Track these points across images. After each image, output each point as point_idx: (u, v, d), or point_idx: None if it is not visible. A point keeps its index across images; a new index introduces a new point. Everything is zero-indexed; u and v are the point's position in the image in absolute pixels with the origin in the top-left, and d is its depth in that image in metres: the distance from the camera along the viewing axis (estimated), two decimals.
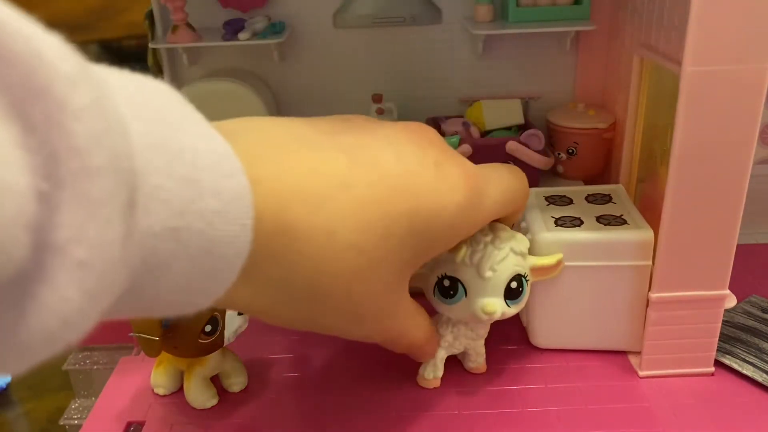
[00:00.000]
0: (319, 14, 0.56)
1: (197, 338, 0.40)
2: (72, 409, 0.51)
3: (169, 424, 0.43)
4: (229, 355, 0.45)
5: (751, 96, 0.38)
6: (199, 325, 0.39)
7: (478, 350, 0.45)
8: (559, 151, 0.57)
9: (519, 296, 0.41)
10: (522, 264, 0.41)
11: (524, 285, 0.41)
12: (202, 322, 0.39)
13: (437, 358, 0.44)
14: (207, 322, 0.40)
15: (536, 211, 0.47)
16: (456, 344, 0.44)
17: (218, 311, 0.40)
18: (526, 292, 0.42)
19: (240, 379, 0.45)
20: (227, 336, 0.41)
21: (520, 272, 0.41)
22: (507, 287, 0.41)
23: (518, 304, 0.42)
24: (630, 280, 0.44)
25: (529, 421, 0.41)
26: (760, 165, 0.58)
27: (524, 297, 0.42)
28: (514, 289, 0.41)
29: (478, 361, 0.46)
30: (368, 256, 0.29)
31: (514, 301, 0.41)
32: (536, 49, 0.57)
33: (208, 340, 0.40)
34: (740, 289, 0.46)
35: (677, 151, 0.39)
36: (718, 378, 0.45)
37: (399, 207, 0.30)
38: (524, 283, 0.41)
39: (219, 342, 0.41)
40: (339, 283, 0.29)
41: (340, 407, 0.43)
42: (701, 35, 0.37)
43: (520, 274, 0.41)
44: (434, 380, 0.45)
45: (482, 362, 0.46)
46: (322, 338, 0.51)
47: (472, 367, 0.46)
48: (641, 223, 0.44)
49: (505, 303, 0.41)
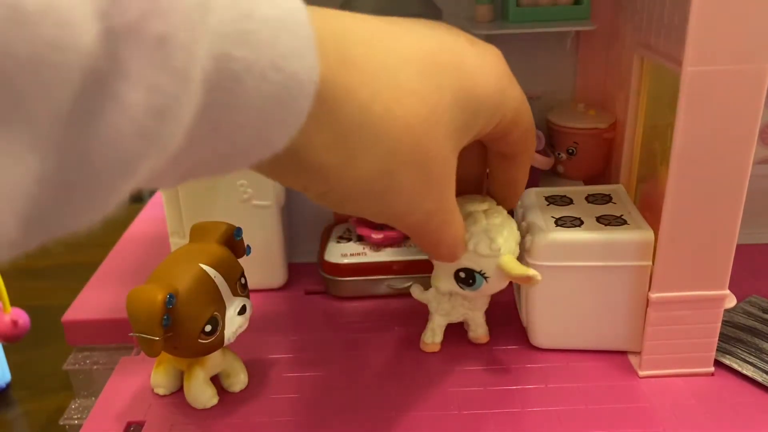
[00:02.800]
0: None
1: (197, 338, 0.39)
2: (72, 409, 0.51)
3: (169, 424, 0.43)
4: (229, 354, 0.45)
5: (751, 96, 0.38)
6: (199, 324, 0.39)
7: (478, 321, 0.48)
8: (559, 151, 0.57)
9: (471, 285, 0.43)
10: (479, 263, 0.42)
11: (477, 278, 0.43)
12: (202, 322, 0.39)
13: (435, 324, 0.47)
14: (207, 322, 0.40)
15: (536, 211, 0.47)
16: (453, 313, 0.47)
17: (218, 311, 0.40)
18: (482, 284, 0.43)
19: (240, 379, 0.45)
20: (227, 336, 0.41)
21: (472, 268, 0.42)
22: (456, 274, 0.43)
23: (474, 290, 0.44)
24: (630, 280, 0.44)
25: (529, 421, 0.42)
26: (760, 165, 0.58)
27: (480, 287, 0.43)
28: (463, 279, 0.43)
29: (478, 331, 0.48)
30: (429, 105, 0.30)
31: (467, 287, 0.43)
32: (536, 49, 0.57)
33: (208, 340, 0.40)
34: (740, 289, 0.46)
35: (677, 151, 0.39)
36: (718, 378, 0.45)
37: (448, 73, 0.32)
38: (477, 276, 0.43)
39: (219, 342, 0.41)
40: (407, 126, 0.30)
41: (339, 407, 0.43)
42: (701, 35, 0.37)
43: (472, 269, 0.42)
44: (433, 345, 0.48)
45: (482, 333, 0.48)
46: (322, 339, 0.51)
47: (473, 336, 0.48)
48: (642, 224, 0.44)
49: (458, 285, 0.44)
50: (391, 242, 0.56)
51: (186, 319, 0.39)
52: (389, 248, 0.56)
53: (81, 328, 0.52)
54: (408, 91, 0.29)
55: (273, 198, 0.54)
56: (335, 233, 0.59)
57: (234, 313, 0.41)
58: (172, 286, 0.38)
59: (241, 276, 0.42)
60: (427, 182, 0.32)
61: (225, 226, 0.43)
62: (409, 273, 0.55)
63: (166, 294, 0.37)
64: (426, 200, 0.33)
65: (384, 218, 0.34)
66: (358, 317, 0.54)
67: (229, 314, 0.41)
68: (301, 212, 0.62)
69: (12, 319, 0.54)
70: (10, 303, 0.54)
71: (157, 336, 0.38)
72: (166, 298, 0.37)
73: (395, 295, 0.55)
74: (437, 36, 0.33)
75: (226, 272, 0.41)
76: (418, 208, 0.33)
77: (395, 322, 0.52)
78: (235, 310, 0.41)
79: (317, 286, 0.58)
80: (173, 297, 0.38)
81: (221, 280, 0.40)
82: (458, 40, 0.34)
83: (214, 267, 0.40)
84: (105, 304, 0.54)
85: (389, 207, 0.32)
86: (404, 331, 0.51)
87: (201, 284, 0.39)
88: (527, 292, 0.46)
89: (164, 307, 0.37)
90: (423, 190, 0.32)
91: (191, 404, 0.43)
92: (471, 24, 0.54)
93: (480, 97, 0.33)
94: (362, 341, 0.50)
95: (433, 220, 0.35)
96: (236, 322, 0.41)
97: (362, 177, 0.30)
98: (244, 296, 0.42)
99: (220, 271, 0.40)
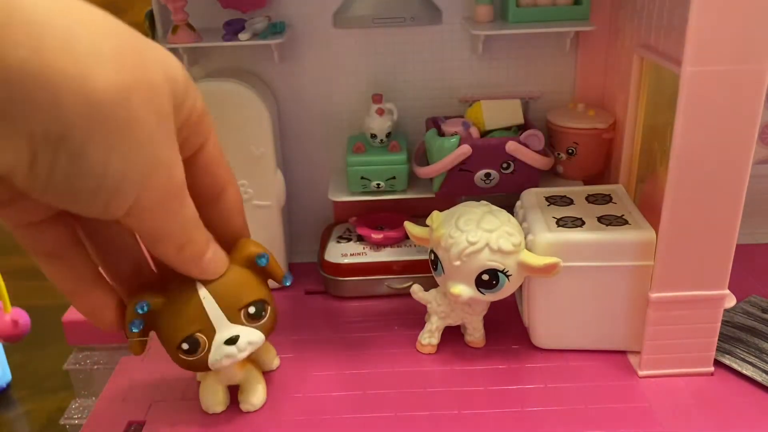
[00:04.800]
0: (319, 14, 0.56)
1: (177, 352, 0.39)
2: (72, 409, 0.51)
3: (169, 424, 0.43)
4: (251, 372, 0.44)
5: (751, 96, 0.38)
6: (175, 339, 0.38)
7: (475, 325, 0.48)
8: (559, 151, 0.57)
9: (494, 288, 0.43)
10: (500, 260, 0.42)
11: (500, 278, 0.43)
12: (178, 338, 0.38)
13: (433, 326, 0.47)
14: (184, 340, 0.38)
15: (537, 211, 0.47)
16: (453, 315, 0.47)
17: (202, 333, 0.38)
18: (504, 284, 0.43)
19: (252, 401, 0.43)
20: (210, 361, 0.39)
21: (496, 267, 0.42)
22: (478, 278, 0.43)
23: (495, 293, 0.44)
24: (631, 280, 0.44)
25: (529, 421, 0.42)
26: (760, 165, 0.58)
27: (502, 288, 0.43)
28: (486, 281, 0.43)
29: (475, 335, 0.48)
30: (129, 75, 0.28)
31: (488, 290, 0.43)
32: (536, 49, 0.57)
33: (188, 357, 0.39)
34: (740, 289, 0.46)
35: (677, 151, 0.39)
36: (718, 378, 0.45)
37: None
38: (501, 276, 0.43)
39: (201, 364, 0.39)
40: (114, 91, 0.28)
41: (340, 407, 0.43)
42: (701, 35, 0.37)
43: (496, 269, 0.42)
44: (429, 346, 0.48)
45: (479, 337, 0.48)
46: (322, 339, 0.51)
47: (470, 340, 0.49)
48: (643, 224, 0.44)
49: (478, 291, 0.43)
50: (391, 242, 0.56)
51: (166, 330, 0.39)
52: (389, 248, 0.56)
53: (81, 328, 0.52)
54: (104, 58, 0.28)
55: (273, 198, 0.54)
56: (335, 233, 0.59)
57: (220, 341, 0.39)
58: (162, 295, 0.38)
59: (252, 304, 0.39)
60: (139, 150, 0.30)
61: (252, 249, 0.40)
62: (409, 273, 0.55)
63: (140, 300, 0.38)
64: (132, 165, 0.30)
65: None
66: (358, 317, 0.54)
67: (216, 341, 0.39)
68: (301, 212, 0.62)
69: (12, 319, 0.54)
70: (10, 303, 0.54)
71: (130, 337, 0.38)
72: (137, 303, 0.38)
73: (395, 295, 0.55)
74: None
75: (227, 297, 0.39)
76: (121, 177, 0.30)
77: (395, 322, 0.52)
78: (223, 338, 0.39)
79: (317, 286, 0.58)
80: (146, 305, 0.38)
81: (211, 303, 0.38)
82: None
83: (211, 289, 0.38)
84: None
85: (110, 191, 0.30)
86: (404, 331, 0.51)
87: (186, 302, 0.38)
88: (528, 292, 0.46)
89: (133, 311, 0.38)
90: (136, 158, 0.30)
91: (201, 404, 0.43)
92: (471, 24, 0.54)
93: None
94: (362, 341, 0.50)
95: (150, 198, 0.32)
96: (222, 350, 0.39)
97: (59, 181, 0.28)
98: (253, 326, 0.40)
99: (218, 295, 0.38)
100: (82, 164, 0.28)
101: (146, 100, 0.30)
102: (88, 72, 0.27)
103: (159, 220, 0.33)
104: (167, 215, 0.34)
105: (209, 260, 0.38)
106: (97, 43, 0.28)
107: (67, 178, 0.28)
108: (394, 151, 0.55)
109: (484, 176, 0.54)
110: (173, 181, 0.33)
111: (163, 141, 0.32)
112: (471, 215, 0.44)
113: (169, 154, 0.32)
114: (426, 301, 0.48)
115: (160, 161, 0.31)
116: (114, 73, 0.28)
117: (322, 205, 0.62)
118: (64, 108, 0.27)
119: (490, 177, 0.54)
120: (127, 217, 0.32)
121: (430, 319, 0.48)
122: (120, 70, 0.28)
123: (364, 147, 0.56)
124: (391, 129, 0.56)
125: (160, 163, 0.31)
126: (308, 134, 0.60)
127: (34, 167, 0.27)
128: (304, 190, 0.61)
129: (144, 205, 0.32)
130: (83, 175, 0.28)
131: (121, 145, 0.29)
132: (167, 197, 0.33)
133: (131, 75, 0.29)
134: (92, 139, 0.28)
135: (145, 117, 0.30)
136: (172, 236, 0.35)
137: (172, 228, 0.34)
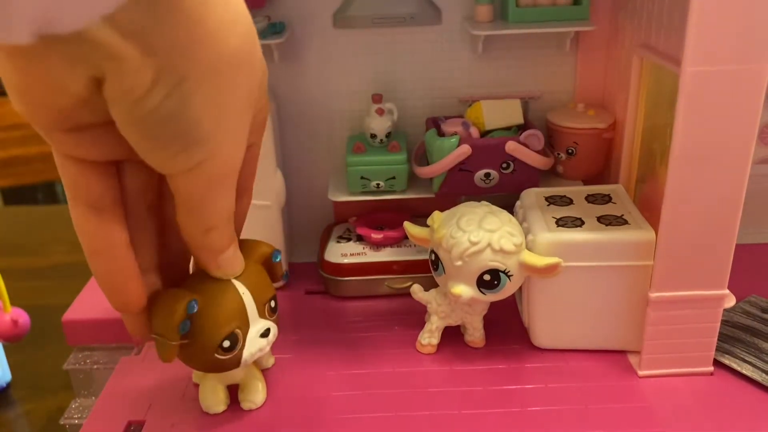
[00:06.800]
0: (319, 14, 0.56)
1: (214, 352, 0.38)
2: (72, 409, 0.51)
3: (169, 424, 0.43)
4: (251, 370, 0.44)
5: (751, 96, 0.38)
6: (217, 338, 0.38)
7: (475, 325, 0.48)
8: (559, 151, 0.57)
9: (495, 288, 0.43)
10: (501, 260, 0.42)
11: (502, 278, 0.43)
12: (222, 336, 0.38)
13: (433, 326, 0.48)
14: (226, 337, 0.38)
15: (537, 211, 0.47)
16: (453, 315, 0.47)
17: (240, 329, 0.39)
18: (506, 284, 0.43)
19: (253, 399, 0.43)
20: (245, 356, 0.39)
21: (498, 267, 0.43)
22: (480, 278, 0.43)
23: (496, 293, 0.44)
24: (631, 280, 0.44)
25: (529, 421, 0.42)
26: (760, 165, 0.58)
27: (504, 288, 0.44)
28: (487, 281, 0.43)
29: (475, 335, 0.48)
30: (248, 48, 0.31)
31: (489, 290, 0.44)
32: (536, 49, 0.57)
33: (224, 356, 0.39)
34: (740, 289, 0.46)
35: (677, 151, 0.39)
36: (718, 377, 0.45)
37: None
38: (502, 276, 0.43)
39: (235, 361, 0.39)
40: (239, 55, 0.30)
41: (340, 407, 0.43)
42: (701, 35, 0.37)
43: (497, 269, 0.43)
44: (429, 346, 0.48)
45: (479, 337, 0.48)
46: (322, 339, 0.51)
47: (469, 340, 0.49)
48: (643, 224, 0.44)
49: (479, 291, 0.43)
50: (391, 242, 0.56)
51: (206, 329, 0.38)
52: (389, 248, 0.56)
53: (81, 328, 0.52)
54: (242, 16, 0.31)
55: (273, 198, 0.54)
56: (335, 233, 0.59)
57: (256, 335, 0.40)
58: (197, 294, 0.37)
59: (272, 299, 0.41)
60: (223, 110, 0.31)
61: (265, 248, 0.42)
62: (409, 273, 0.55)
63: (190, 299, 0.36)
64: (217, 128, 0.31)
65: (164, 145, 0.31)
66: (358, 317, 0.54)
67: (251, 334, 0.39)
68: (301, 212, 0.62)
69: (12, 319, 0.54)
70: (10, 303, 0.54)
71: (173, 341, 0.36)
72: (187, 303, 0.36)
73: (395, 295, 0.55)
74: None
75: (256, 292, 0.39)
76: (204, 135, 0.31)
77: (395, 322, 0.52)
78: (258, 332, 0.40)
79: (317, 286, 0.58)
80: (195, 303, 0.37)
81: (249, 299, 0.39)
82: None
83: (245, 284, 0.39)
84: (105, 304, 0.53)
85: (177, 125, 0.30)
86: (404, 331, 0.51)
87: (228, 298, 0.38)
88: (528, 292, 0.46)
89: (184, 312, 0.36)
90: (217, 114, 0.31)
91: (201, 404, 0.43)
92: (471, 24, 0.54)
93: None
94: (362, 341, 0.50)
95: (213, 166, 0.33)
96: (257, 344, 0.39)
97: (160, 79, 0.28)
98: (272, 320, 0.41)
99: (250, 290, 0.39)
100: (184, 109, 0.29)
101: (248, 76, 0.32)
102: (231, 28, 0.29)
103: (206, 190, 0.34)
104: (214, 192, 0.34)
105: (227, 258, 0.38)
106: (240, 10, 0.30)
107: (165, 116, 0.29)
108: (394, 151, 0.55)
109: (484, 176, 0.54)
110: (235, 161, 0.34)
111: (246, 120, 0.34)
112: (472, 215, 0.44)
113: (243, 135, 0.34)
114: (426, 301, 0.48)
115: (236, 136, 0.33)
116: (241, 41, 0.30)
117: (322, 205, 0.62)
118: (199, 53, 0.28)
119: (490, 177, 0.54)
120: (185, 173, 0.32)
121: (430, 319, 0.48)
122: (245, 42, 0.31)
123: (364, 147, 0.56)
124: (391, 129, 0.57)
125: (235, 137, 0.33)
126: (308, 134, 0.60)
127: (148, 95, 0.28)
128: (304, 190, 0.61)
129: (204, 169, 0.32)
130: (179, 118, 0.30)
131: (220, 105, 0.31)
132: (224, 173, 0.34)
133: (249, 49, 0.31)
134: (202, 90, 0.29)
135: (243, 90, 0.32)
136: (206, 213, 0.35)
137: (211, 206, 0.35)
